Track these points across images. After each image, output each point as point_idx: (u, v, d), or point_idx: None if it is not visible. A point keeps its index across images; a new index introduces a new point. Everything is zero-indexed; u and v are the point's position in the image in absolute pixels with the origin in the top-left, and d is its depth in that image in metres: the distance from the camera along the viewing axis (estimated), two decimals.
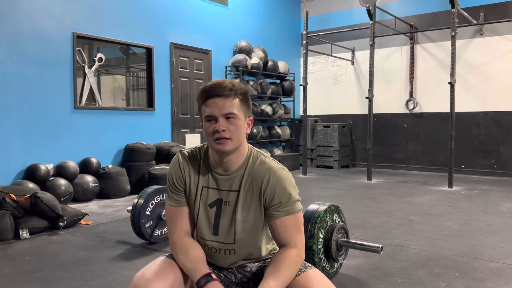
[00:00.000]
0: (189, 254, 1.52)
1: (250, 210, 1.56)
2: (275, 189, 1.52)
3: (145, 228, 3.29)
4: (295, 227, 1.54)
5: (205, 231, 1.59)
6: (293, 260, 1.48)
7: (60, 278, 2.65)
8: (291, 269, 1.46)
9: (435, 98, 8.00)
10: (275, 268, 1.44)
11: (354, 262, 2.87)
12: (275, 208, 1.52)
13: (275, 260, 1.48)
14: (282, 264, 1.45)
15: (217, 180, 1.58)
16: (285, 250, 1.51)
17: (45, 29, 5.30)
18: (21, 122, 5.06)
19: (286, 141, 9.26)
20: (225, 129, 1.45)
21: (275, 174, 1.53)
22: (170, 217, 1.62)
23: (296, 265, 1.48)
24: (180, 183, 1.59)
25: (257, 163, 1.56)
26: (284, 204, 1.52)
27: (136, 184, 5.74)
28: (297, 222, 1.54)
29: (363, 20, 7.90)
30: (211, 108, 1.46)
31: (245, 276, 1.65)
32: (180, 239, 1.57)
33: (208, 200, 1.58)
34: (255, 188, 1.54)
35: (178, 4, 7.01)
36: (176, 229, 1.60)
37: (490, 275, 2.63)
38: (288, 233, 1.52)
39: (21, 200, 3.77)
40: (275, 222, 1.53)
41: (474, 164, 7.66)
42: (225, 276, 1.65)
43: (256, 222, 1.57)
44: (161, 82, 6.77)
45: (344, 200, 5.21)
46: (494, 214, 4.40)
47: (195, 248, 1.56)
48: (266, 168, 1.54)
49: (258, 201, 1.55)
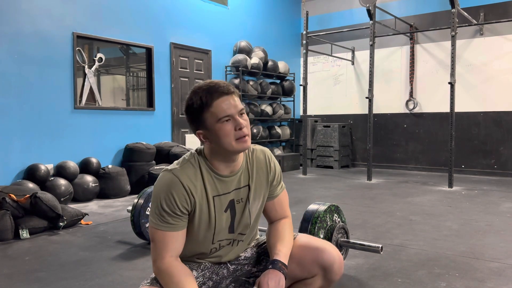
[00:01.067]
0: (181, 285, 1.38)
1: (260, 198, 1.62)
2: (275, 169, 1.65)
3: (145, 228, 3.29)
4: (286, 200, 1.71)
5: (222, 234, 1.58)
6: (290, 227, 1.67)
7: (60, 278, 2.65)
8: (291, 234, 1.63)
9: (435, 98, 8.00)
10: (280, 236, 1.59)
11: (354, 262, 2.87)
12: (275, 187, 1.65)
13: (276, 230, 1.62)
14: (285, 231, 1.61)
15: (225, 184, 1.53)
16: (280, 221, 1.66)
17: (45, 29, 5.30)
18: (21, 122, 5.06)
19: (286, 141, 9.26)
20: (244, 125, 1.44)
21: (270, 156, 1.65)
22: (160, 242, 1.44)
23: (292, 231, 1.66)
24: (187, 206, 1.45)
25: (250, 153, 1.61)
26: (279, 181, 1.67)
27: (136, 184, 5.74)
28: (286, 194, 1.72)
29: (363, 20, 7.90)
30: (225, 107, 1.40)
31: (240, 264, 1.67)
32: (169, 267, 1.41)
33: (222, 207, 1.53)
34: (261, 175, 1.61)
35: (178, 4, 7.01)
36: (167, 255, 1.43)
37: (490, 275, 2.63)
38: (283, 207, 1.69)
39: (21, 200, 3.77)
40: (274, 201, 1.67)
41: (474, 164, 7.66)
42: (216, 274, 1.63)
43: (262, 206, 1.66)
44: (161, 82, 6.77)
45: (344, 200, 5.21)
46: (494, 214, 4.40)
47: (186, 277, 1.41)
48: (260, 153, 1.63)
49: (266, 186, 1.63)
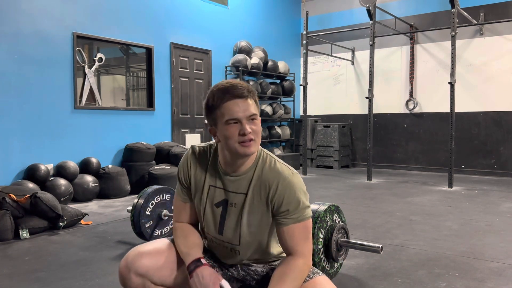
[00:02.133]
0: (187, 239, 1.58)
1: (257, 214, 1.52)
2: (284, 196, 1.48)
3: (145, 228, 3.29)
4: (303, 235, 1.49)
5: (211, 228, 1.59)
6: (300, 270, 1.44)
7: (60, 278, 2.65)
8: (297, 280, 1.42)
9: (435, 98, 8.00)
10: (280, 279, 1.41)
11: (354, 262, 2.87)
12: (283, 216, 1.48)
13: (281, 271, 1.44)
14: (289, 276, 1.41)
15: (224, 181, 1.55)
16: (291, 259, 1.47)
17: (45, 29, 5.30)
18: (21, 122, 5.06)
19: (286, 141, 9.25)
20: (251, 131, 1.43)
21: (285, 181, 1.49)
22: (177, 208, 1.68)
23: (302, 275, 1.45)
24: (186, 179, 1.62)
25: (266, 167, 1.52)
26: (292, 212, 1.48)
27: (136, 184, 5.74)
28: (305, 229, 1.50)
29: (363, 20, 7.90)
30: (234, 110, 1.42)
31: (249, 274, 1.65)
32: (181, 225, 1.64)
33: (214, 200, 1.57)
34: (263, 193, 1.50)
35: (178, 4, 7.01)
36: (180, 218, 1.67)
37: (490, 275, 2.63)
38: (295, 241, 1.48)
39: (21, 200, 3.77)
40: (283, 229, 1.49)
41: (474, 164, 7.66)
42: (227, 269, 1.65)
43: (263, 227, 1.54)
44: (161, 82, 6.77)
45: (344, 200, 5.21)
46: (494, 214, 4.40)
47: (194, 235, 1.61)
48: (275, 173, 1.50)
49: (266, 206, 1.51)
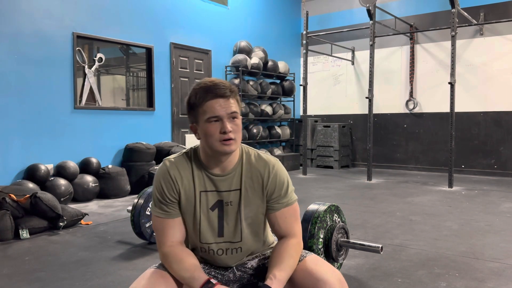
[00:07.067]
0: (184, 264, 1.47)
1: (253, 205, 1.58)
2: (276, 182, 1.57)
3: (145, 228, 3.29)
4: (294, 217, 1.61)
5: (209, 235, 1.57)
6: (295, 249, 1.53)
7: (60, 278, 2.65)
8: (293, 258, 1.51)
9: (435, 98, 8.00)
10: (279, 259, 1.49)
11: (354, 262, 2.87)
12: (276, 201, 1.58)
13: (277, 251, 1.52)
14: (285, 254, 1.50)
15: (214, 182, 1.55)
16: (285, 240, 1.56)
17: (45, 29, 5.30)
18: (21, 122, 5.06)
19: (286, 141, 9.25)
20: (231, 130, 1.46)
21: (274, 168, 1.58)
22: (160, 230, 1.54)
23: (297, 253, 1.54)
24: (174, 194, 1.53)
25: (252, 159, 1.59)
26: (283, 196, 1.58)
27: (136, 184, 5.74)
28: (295, 212, 1.62)
29: (363, 20, 7.90)
30: (215, 108, 1.45)
31: (246, 273, 1.65)
32: (171, 250, 1.51)
33: (208, 204, 1.56)
34: (256, 184, 1.57)
35: (178, 4, 7.01)
36: (167, 241, 1.53)
37: (490, 275, 2.63)
38: (287, 223, 1.58)
39: (21, 200, 3.77)
40: (275, 214, 1.58)
41: (474, 164, 7.66)
42: (222, 275, 1.64)
43: (259, 216, 1.61)
44: (161, 82, 6.77)
45: (344, 200, 5.21)
46: (494, 214, 4.40)
47: (188, 256, 1.51)
48: (263, 162, 1.58)
49: (261, 195, 1.58)
